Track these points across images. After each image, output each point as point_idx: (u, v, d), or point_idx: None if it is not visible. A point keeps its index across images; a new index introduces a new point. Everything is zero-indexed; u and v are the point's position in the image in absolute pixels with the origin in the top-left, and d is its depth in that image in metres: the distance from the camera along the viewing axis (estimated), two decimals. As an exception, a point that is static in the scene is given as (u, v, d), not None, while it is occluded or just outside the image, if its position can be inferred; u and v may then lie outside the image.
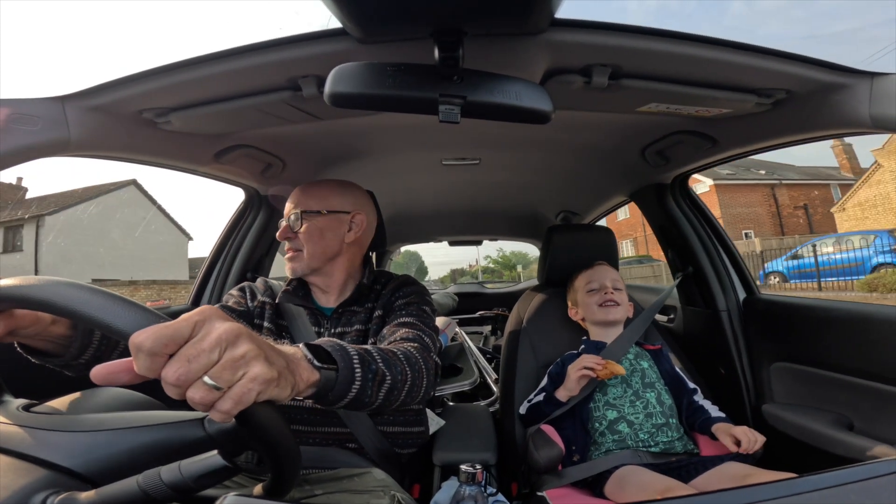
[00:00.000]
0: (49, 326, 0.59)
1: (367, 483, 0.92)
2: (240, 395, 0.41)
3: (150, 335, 0.38)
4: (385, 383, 0.72)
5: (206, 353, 0.40)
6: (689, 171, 1.48)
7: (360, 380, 0.64)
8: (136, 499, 0.42)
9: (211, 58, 0.79)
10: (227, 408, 0.40)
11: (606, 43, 0.76)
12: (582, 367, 1.16)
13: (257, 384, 0.42)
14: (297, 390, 0.51)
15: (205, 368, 0.40)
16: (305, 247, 1.06)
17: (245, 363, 0.42)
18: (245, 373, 0.42)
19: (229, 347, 0.42)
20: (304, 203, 1.08)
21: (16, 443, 0.44)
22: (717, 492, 0.53)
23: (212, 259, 1.60)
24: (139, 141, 1.00)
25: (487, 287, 4.03)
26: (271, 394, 0.44)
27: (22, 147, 0.76)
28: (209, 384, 0.39)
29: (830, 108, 0.87)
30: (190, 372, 0.39)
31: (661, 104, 0.97)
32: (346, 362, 0.63)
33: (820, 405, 1.18)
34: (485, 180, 1.99)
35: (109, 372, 0.41)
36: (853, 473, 0.49)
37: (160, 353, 0.39)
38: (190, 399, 0.39)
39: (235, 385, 0.41)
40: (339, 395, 0.61)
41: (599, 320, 1.35)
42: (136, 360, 0.39)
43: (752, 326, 1.42)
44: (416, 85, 0.69)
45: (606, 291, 1.35)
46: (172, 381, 0.38)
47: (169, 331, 0.39)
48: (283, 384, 0.47)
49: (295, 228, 1.06)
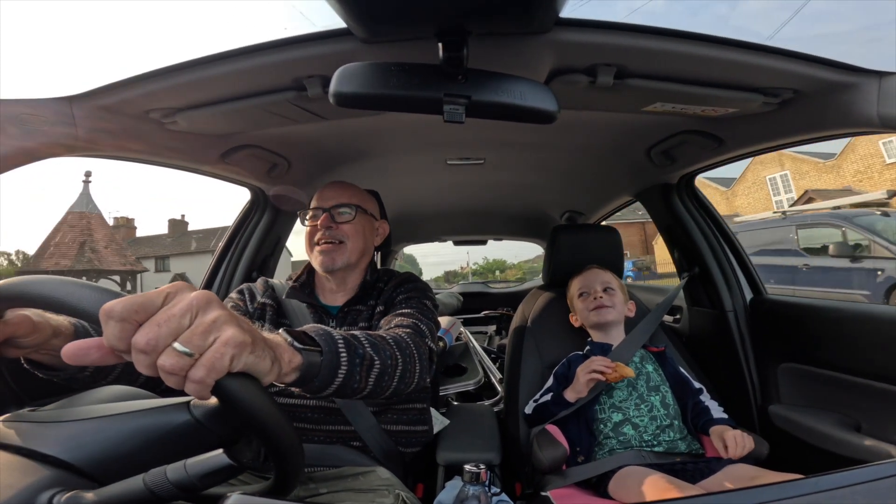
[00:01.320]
0: (50, 339, 0.59)
1: (372, 482, 0.92)
2: (212, 360, 0.40)
3: (120, 301, 0.38)
4: (374, 368, 0.70)
5: (177, 318, 0.39)
6: (696, 171, 1.47)
7: (347, 364, 0.63)
8: (142, 497, 0.42)
9: (216, 58, 0.79)
10: (201, 375, 0.39)
11: (611, 42, 0.75)
12: (591, 369, 1.16)
13: (230, 348, 0.41)
14: (281, 371, 0.50)
15: (175, 333, 0.39)
16: (350, 240, 1.07)
17: (216, 328, 0.41)
18: (217, 337, 0.41)
19: (200, 313, 0.41)
20: (350, 198, 1.10)
21: (12, 438, 0.45)
22: (721, 492, 0.53)
23: (217, 259, 1.60)
24: (146, 141, 1.01)
25: (492, 287, 4.02)
26: (247, 361, 0.43)
27: (30, 147, 0.77)
28: (180, 350, 0.39)
29: (838, 107, 0.86)
30: (160, 336, 0.38)
31: (666, 104, 0.96)
32: (331, 346, 0.61)
33: (827, 406, 1.17)
34: (489, 180, 1.99)
35: (79, 348, 0.41)
36: (859, 474, 0.49)
37: (130, 319, 0.38)
38: (161, 367, 0.38)
39: (207, 350, 0.40)
40: (325, 380, 0.60)
41: (594, 323, 1.36)
42: (106, 330, 0.38)
43: (759, 327, 1.41)
44: (420, 85, 0.69)
45: (596, 296, 1.36)
46: (143, 346, 0.38)
47: (139, 299, 0.39)
48: (260, 353, 0.45)
49: (343, 219, 1.07)
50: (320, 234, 1.07)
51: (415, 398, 1.14)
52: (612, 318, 1.33)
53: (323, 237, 1.07)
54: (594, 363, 1.17)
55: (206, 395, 0.41)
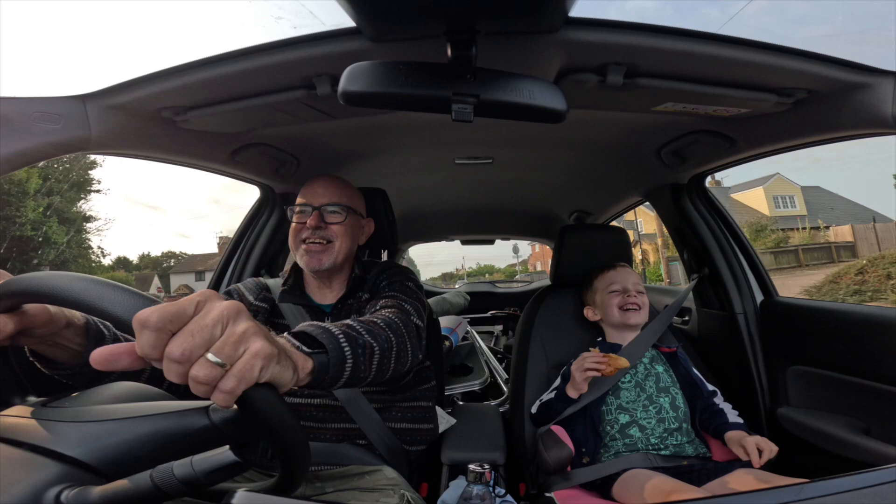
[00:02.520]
0: (62, 330, 0.59)
1: (378, 481, 0.92)
2: (242, 371, 0.41)
3: (155, 311, 0.39)
4: (375, 354, 0.72)
5: (209, 328, 0.40)
6: (707, 172, 1.45)
7: (352, 357, 0.65)
8: (149, 493, 0.42)
9: (227, 57, 0.80)
10: (231, 386, 0.40)
11: (621, 42, 0.75)
12: (585, 368, 1.15)
13: (259, 359, 0.42)
14: (298, 377, 0.51)
15: (207, 344, 0.40)
16: (338, 240, 1.06)
17: (246, 339, 0.42)
18: (247, 348, 0.42)
19: (230, 323, 0.42)
20: (341, 197, 1.09)
21: (27, 435, 0.45)
22: (725, 495, 0.52)
23: (227, 256, 1.62)
24: (158, 139, 1.02)
25: (499, 286, 4.01)
26: (273, 372, 0.44)
27: (44, 144, 0.78)
28: (213, 360, 0.39)
29: (852, 108, 0.85)
30: (194, 346, 0.39)
31: (677, 103, 0.96)
32: (334, 343, 0.63)
33: (836, 409, 1.16)
34: (498, 179, 1.99)
35: (111, 353, 0.41)
36: (868, 478, 0.48)
37: (165, 328, 0.39)
38: (193, 378, 0.39)
39: (238, 361, 0.41)
40: (335, 377, 0.62)
41: (619, 323, 1.32)
42: (140, 338, 0.38)
43: (768, 329, 1.39)
44: (429, 83, 0.69)
45: (629, 294, 1.32)
46: (177, 356, 0.38)
47: (173, 308, 0.40)
48: (284, 363, 0.47)
49: (333, 220, 1.06)
50: (308, 233, 1.05)
51: (420, 396, 1.14)
52: (639, 321, 1.31)
53: (311, 237, 1.05)
54: (586, 360, 1.16)
55: (231, 404, 0.41)
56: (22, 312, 0.52)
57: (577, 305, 1.48)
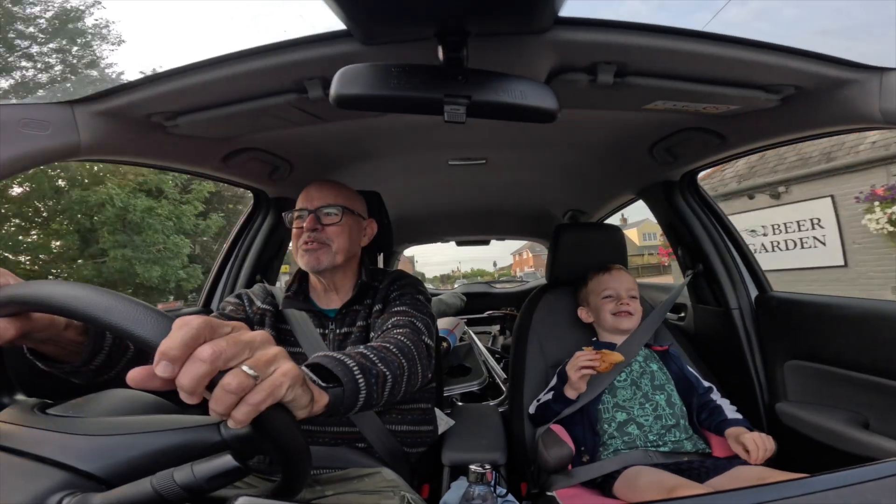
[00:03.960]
0: (62, 331, 0.58)
1: (377, 483, 0.92)
2: (272, 386, 0.43)
3: (198, 317, 0.41)
4: (388, 382, 0.74)
5: (243, 343, 0.42)
6: (698, 168, 1.46)
7: (366, 388, 0.67)
8: (150, 499, 0.42)
9: (217, 61, 0.80)
10: (259, 399, 0.41)
11: (611, 41, 0.75)
12: (579, 367, 1.15)
13: (288, 378, 0.44)
14: (312, 409, 0.53)
15: (239, 356, 0.42)
16: (335, 241, 1.07)
17: (277, 360, 0.45)
18: (277, 367, 0.44)
19: (261, 346, 0.45)
20: (336, 198, 1.10)
21: (33, 445, 0.45)
22: (727, 491, 0.52)
23: (222, 261, 1.61)
24: (148, 144, 1.02)
25: (496, 287, 4.02)
26: (296, 394, 0.47)
27: (33, 151, 0.78)
28: (248, 371, 0.41)
29: (840, 103, 0.85)
30: (225, 351, 0.40)
31: (667, 101, 0.96)
32: (349, 376, 0.65)
33: (835, 403, 1.17)
34: (491, 180, 1.99)
35: (148, 374, 0.40)
36: (867, 472, 0.49)
37: (202, 333, 0.40)
38: (225, 385, 0.40)
39: (269, 377, 0.43)
40: (349, 407, 0.64)
41: (611, 328, 1.34)
42: (175, 333, 0.39)
43: (764, 324, 1.40)
44: (421, 85, 0.69)
45: (622, 301, 1.33)
46: (206, 356, 0.39)
47: (214, 321, 0.42)
48: (306, 388, 0.50)
49: (329, 220, 1.07)
50: (305, 236, 1.06)
51: (419, 398, 1.14)
52: (631, 326, 1.32)
53: (308, 239, 1.06)
54: (580, 359, 1.17)
55: (249, 421, 0.42)
56: (25, 317, 0.52)
57: (573, 304, 1.49)
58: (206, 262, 12.67)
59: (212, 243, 13.48)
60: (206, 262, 12.58)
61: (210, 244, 13.53)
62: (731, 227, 1.53)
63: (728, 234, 1.52)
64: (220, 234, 12.44)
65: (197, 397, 0.40)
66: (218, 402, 0.40)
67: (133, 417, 0.51)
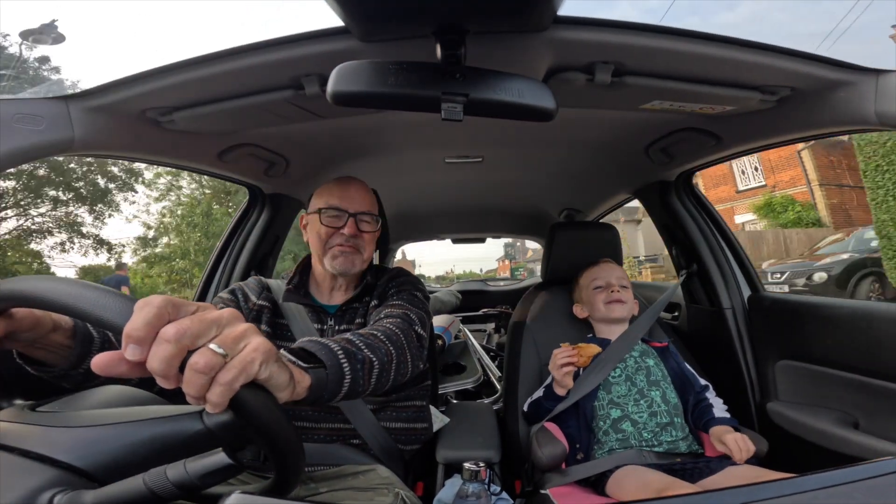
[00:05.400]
0: (49, 334, 0.58)
1: (372, 480, 0.92)
2: (243, 363, 0.41)
3: (159, 296, 0.40)
4: (374, 368, 0.73)
5: (208, 322, 0.41)
6: (694, 169, 1.47)
7: (350, 373, 0.66)
8: (142, 497, 0.42)
9: (213, 57, 0.79)
10: (230, 377, 0.40)
11: (609, 40, 0.75)
12: (559, 364, 1.17)
13: (259, 353, 0.43)
14: (295, 391, 0.51)
15: (205, 334, 0.41)
16: (367, 248, 1.08)
17: (246, 336, 0.43)
18: (246, 343, 0.43)
19: (228, 325, 0.43)
20: (372, 206, 1.11)
21: (19, 440, 0.45)
22: (717, 490, 0.53)
23: (216, 257, 1.60)
24: (143, 140, 1.01)
25: (490, 284, 4.02)
26: (271, 370, 0.45)
27: (27, 146, 0.77)
28: (215, 349, 0.40)
29: (835, 105, 0.86)
30: (190, 329, 0.39)
31: (664, 101, 0.96)
32: (333, 360, 0.64)
33: (825, 403, 1.18)
34: (488, 178, 1.99)
35: (111, 359, 0.40)
36: (857, 472, 0.49)
37: (165, 312, 0.40)
38: (193, 365, 0.39)
39: (238, 354, 0.42)
40: (333, 392, 0.63)
41: (604, 317, 1.35)
42: (138, 315, 0.38)
43: (756, 324, 1.41)
44: (418, 83, 0.69)
45: (612, 289, 1.34)
46: (171, 335, 0.38)
47: (177, 299, 0.41)
48: (282, 365, 0.48)
49: (367, 228, 1.08)
50: (342, 238, 1.04)
51: (414, 395, 1.14)
52: (624, 314, 1.33)
53: (346, 242, 1.05)
54: (558, 357, 1.18)
55: (225, 403, 0.41)
56: (8, 316, 0.51)
57: (568, 302, 1.49)
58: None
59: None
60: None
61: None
62: (726, 227, 1.54)
63: (722, 235, 1.53)
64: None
65: (172, 381, 0.39)
66: (189, 384, 0.39)
67: (116, 409, 0.51)
